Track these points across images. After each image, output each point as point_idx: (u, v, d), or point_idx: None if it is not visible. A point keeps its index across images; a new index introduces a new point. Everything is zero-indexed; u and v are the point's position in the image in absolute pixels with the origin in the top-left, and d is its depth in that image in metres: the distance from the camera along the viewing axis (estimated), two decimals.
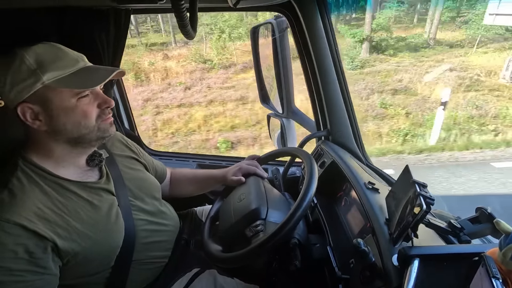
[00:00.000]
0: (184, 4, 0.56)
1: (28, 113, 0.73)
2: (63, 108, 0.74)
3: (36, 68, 0.71)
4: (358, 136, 1.33)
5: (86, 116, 0.77)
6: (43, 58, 0.72)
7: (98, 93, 0.80)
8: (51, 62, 0.73)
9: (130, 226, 0.86)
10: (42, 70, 0.71)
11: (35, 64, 0.71)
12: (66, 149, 0.80)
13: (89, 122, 0.78)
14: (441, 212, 0.82)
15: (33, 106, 0.72)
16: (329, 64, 1.22)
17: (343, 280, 0.79)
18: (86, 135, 0.79)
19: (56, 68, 0.73)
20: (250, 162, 1.13)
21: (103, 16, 1.16)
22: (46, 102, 0.73)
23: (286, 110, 1.47)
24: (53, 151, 0.78)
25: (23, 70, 0.70)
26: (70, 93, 0.74)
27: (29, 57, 0.71)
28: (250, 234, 0.83)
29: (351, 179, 1.01)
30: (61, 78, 0.73)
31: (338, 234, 0.96)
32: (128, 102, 1.77)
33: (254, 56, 1.57)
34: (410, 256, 0.62)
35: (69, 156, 0.81)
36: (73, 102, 0.75)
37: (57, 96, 0.73)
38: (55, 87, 0.72)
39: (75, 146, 0.80)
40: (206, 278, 0.96)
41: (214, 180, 1.16)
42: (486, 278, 0.51)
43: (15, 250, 0.65)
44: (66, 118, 0.75)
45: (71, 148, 0.80)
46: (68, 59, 0.76)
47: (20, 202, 0.69)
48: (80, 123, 0.77)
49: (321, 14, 1.16)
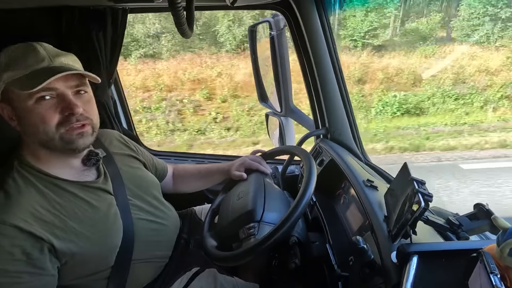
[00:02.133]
0: (180, 3, 0.56)
1: (5, 111, 0.74)
2: (22, 109, 0.71)
3: (2, 68, 0.72)
4: (357, 134, 1.33)
5: (43, 121, 0.71)
6: (12, 57, 0.73)
7: (64, 97, 0.73)
8: (15, 61, 0.72)
9: (129, 225, 0.85)
10: (5, 69, 0.71)
11: (4, 64, 0.72)
12: (47, 152, 0.76)
13: (47, 128, 0.72)
14: (439, 209, 0.83)
15: (5, 106, 0.73)
16: (327, 62, 1.22)
17: (343, 278, 0.79)
18: (48, 142, 0.73)
19: (16, 67, 0.71)
20: (253, 157, 1.13)
21: (100, 16, 1.16)
22: (11, 102, 0.73)
23: (285, 109, 1.48)
24: (38, 152, 0.77)
25: None
26: (25, 95, 0.70)
27: (4, 57, 0.72)
28: (243, 236, 0.82)
29: (350, 177, 1.02)
30: (16, 78, 0.71)
31: (337, 232, 0.97)
32: (126, 102, 1.76)
33: (252, 55, 1.57)
34: (409, 253, 0.62)
35: (55, 158, 0.78)
36: (30, 104, 0.70)
37: (16, 97, 0.71)
38: (13, 89, 0.71)
39: (52, 150, 0.76)
40: (206, 277, 0.96)
41: (219, 172, 1.16)
42: (484, 274, 0.51)
43: (12, 251, 0.65)
44: (27, 120, 0.72)
45: (50, 151, 0.76)
46: (33, 58, 0.72)
47: (16, 203, 0.68)
48: (39, 128, 0.72)
49: (319, 12, 1.16)
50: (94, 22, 1.16)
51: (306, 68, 1.28)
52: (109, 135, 1.01)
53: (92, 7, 1.13)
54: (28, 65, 0.72)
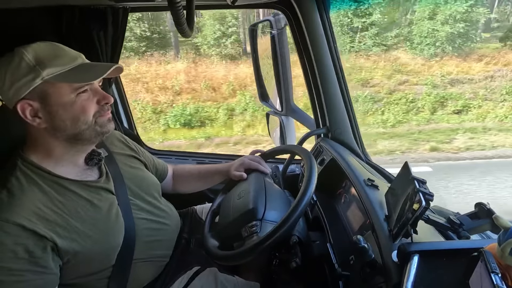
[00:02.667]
0: (180, 2, 0.56)
1: (28, 110, 0.73)
2: (62, 104, 0.74)
3: (36, 65, 0.71)
4: (358, 133, 1.33)
5: (84, 111, 0.77)
6: (42, 55, 0.73)
7: (97, 89, 0.80)
8: (50, 59, 0.73)
9: (130, 225, 0.86)
10: (41, 66, 0.71)
11: (34, 61, 0.72)
12: (66, 148, 0.79)
13: (87, 117, 0.78)
14: (440, 208, 0.83)
15: (32, 103, 0.73)
16: (328, 61, 1.22)
17: (343, 277, 0.79)
18: (85, 131, 0.78)
19: (54, 64, 0.73)
20: (253, 157, 1.13)
21: (101, 15, 1.16)
22: (45, 98, 0.73)
23: (285, 108, 1.47)
24: (52, 149, 0.78)
25: (23, 67, 0.71)
26: (69, 88, 0.74)
27: (28, 55, 0.72)
28: (245, 234, 0.83)
29: (351, 176, 1.01)
30: (60, 73, 0.73)
31: (338, 231, 0.97)
32: (126, 101, 1.76)
33: (252, 54, 1.56)
34: (409, 252, 0.62)
35: (68, 154, 0.81)
36: (72, 97, 0.75)
37: (56, 91, 0.73)
38: (54, 83, 0.73)
39: (75, 143, 0.80)
40: (207, 276, 0.96)
41: (219, 173, 1.16)
42: (485, 273, 0.51)
43: (15, 250, 0.65)
44: (65, 113, 0.75)
45: (70, 146, 0.80)
46: (66, 56, 0.77)
47: (19, 202, 0.69)
48: (79, 119, 0.77)
49: (320, 11, 1.16)
50: (95, 22, 1.16)
51: (307, 67, 1.28)
52: (111, 135, 1.01)
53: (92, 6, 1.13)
54: (65, 62, 0.75)
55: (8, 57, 0.73)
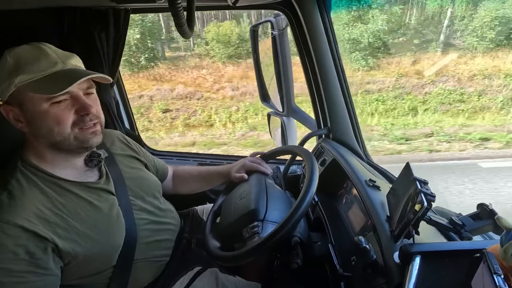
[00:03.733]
0: (180, 3, 0.56)
1: (11, 114, 0.73)
2: (36, 112, 0.72)
3: (12, 70, 0.71)
4: (359, 134, 1.33)
5: (58, 123, 0.73)
6: (21, 59, 0.72)
7: (78, 98, 0.75)
8: (27, 64, 0.71)
9: (131, 225, 0.86)
10: (16, 72, 0.70)
11: (13, 65, 0.71)
12: (53, 153, 0.78)
13: (62, 129, 0.73)
14: (442, 209, 0.82)
15: (13, 108, 0.73)
16: (329, 62, 1.22)
17: (345, 278, 0.79)
18: (62, 142, 0.75)
19: (29, 70, 0.71)
20: (253, 159, 1.13)
21: (102, 16, 1.16)
22: (21, 105, 0.72)
23: (287, 109, 1.47)
24: (43, 152, 0.78)
25: (4, 71, 0.71)
26: (41, 98, 0.71)
27: (10, 58, 0.71)
28: (246, 235, 0.82)
29: (352, 176, 1.01)
30: (32, 81, 0.71)
31: (339, 232, 0.96)
32: (128, 102, 1.77)
33: (254, 54, 1.57)
34: (411, 253, 0.62)
35: (61, 159, 0.79)
36: (45, 107, 0.71)
37: (29, 100, 0.71)
38: (26, 91, 0.71)
39: (60, 151, 0.78)
40: (208, 277, 0.96)
41: (219, 175, 1.16)
42: (487, 274, 0.51)
43: (16, 251, 0.65)
44: (39, 123, 0.72)
45: (58, 152, 0.78)
46: (46, 61, 0.73)
47: (19, 203, 0.69)
48: (53, 130, 0.73)
49: (321, 12, 1.16)
50: (96, 23, 1.16)
51: (308, 67, 1.28)
52: (111, 136, 1.01)
53: (94, 7, 1.13)
54: (41, 68, 0.72)
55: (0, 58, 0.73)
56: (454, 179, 4.60)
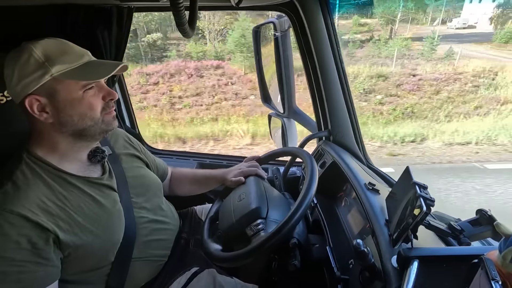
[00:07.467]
0: (182, 3, 0.56)
1: (36, 105, 0.74)
2: (70, 100, 0.75)
3: (44, 61, 0.72)
4: (359, 137, 1.33)
5: (92, 108, 0.78)
6: (50, 52, 0.74)
7: (103, 86, 0.81)
8: (58, 55, 0.74)
9: (131, 223, 0.86)
10: (50, 63, 0.73)
11: (43, 57, 0.73)
12: (70, 143, 0.81)
13: (94, 113, 0.79)
14: (441, 213, 0.82)
15: (40, 98, 0.74)
16: (331, 64, 1.22)
17: (342, 281, 0.79)
18: (91, 127, 0.80)
19: (63, 61, 0.74)
20: (250, 163, 1.13)
21: (105, 14, 1.16)
22: (53, 94, 0.74)
23: (288, 110, 1.47)
24: (57, 144, 0.79)
25: (31, 63, 0.72)
26: (77, 85, 0.75)
27: (37, 51, 0.73)
28: (251, 233, 0.83)
29: (352, 179, 1.01)
30: (69, 70, 0.75)
31: (338, 235, 0.96)
32: (129, 100, 1.77)
33: (256, 55, 1.57)
34: (409, 258, 0.62)
35: (72, 150, 0.82)
36: (80, 94, 0.76)
37: (64, 88, 0.74)
38: (63, 79, 0.74)
39: (79, 139, 0.81)
40: (205, 277, 0.96)
41: (214, 180, 1.16)
42: (485, 280, 0.51)
43: (19, 240, 0.66)
44: (72, 109, 0.76)
45: (75, 142, 0.81)
46: (73, 53, 0.78)
47: (23, 194, 0.70)
48: (86, 115, 0.78)
49: (324, 13, 1.16)
50: (99, 21, 1.16)
51: (309, 69, 1.28)
52: (116, 134, 1.02)
53: (97, 5, 1.13)
54: (73, 59, 0.76)
55: (16, 52, 0.74)
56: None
